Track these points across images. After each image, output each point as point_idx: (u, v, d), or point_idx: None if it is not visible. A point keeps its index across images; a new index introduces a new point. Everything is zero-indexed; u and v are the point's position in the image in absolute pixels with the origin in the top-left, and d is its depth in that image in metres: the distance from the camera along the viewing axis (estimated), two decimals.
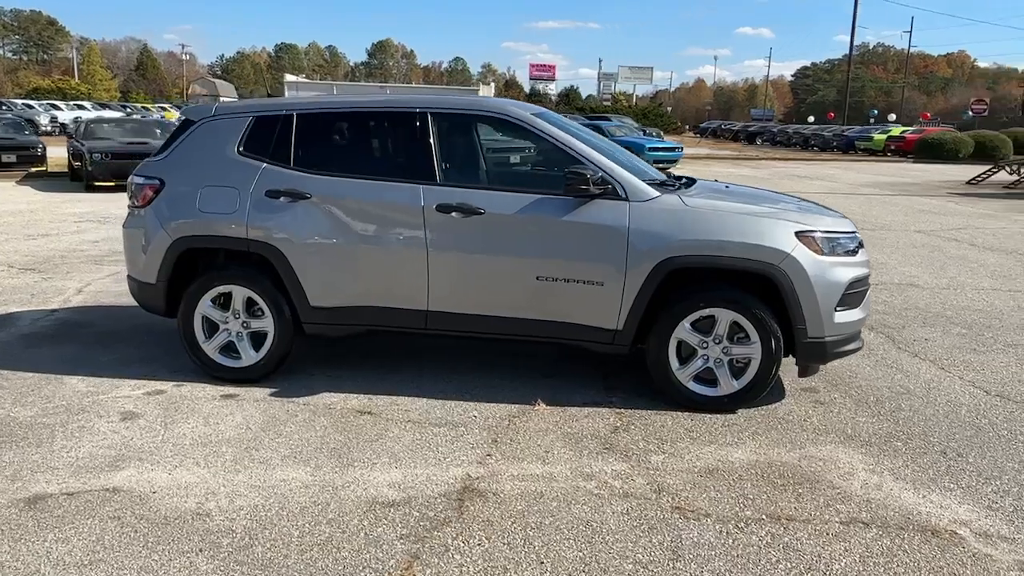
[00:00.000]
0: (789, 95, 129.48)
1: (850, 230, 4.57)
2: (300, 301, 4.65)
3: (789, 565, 2.98)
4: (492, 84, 75.61)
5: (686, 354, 4.49)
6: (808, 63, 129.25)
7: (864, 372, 5.23)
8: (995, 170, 21.18)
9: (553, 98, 79.67)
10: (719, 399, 4.47)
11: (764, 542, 3.13)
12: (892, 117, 58.59)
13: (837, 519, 3.33)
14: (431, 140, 4.60)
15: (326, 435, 4.08)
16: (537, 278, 4.45)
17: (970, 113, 46.40)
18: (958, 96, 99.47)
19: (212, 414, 4.32)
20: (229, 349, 4.81)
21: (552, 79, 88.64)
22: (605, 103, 71.53)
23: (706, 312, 4.39)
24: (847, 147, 38.91)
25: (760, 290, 4.38)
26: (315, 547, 3.05)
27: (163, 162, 4.88)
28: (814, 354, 4.43)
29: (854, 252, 4.51)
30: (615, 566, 2.96)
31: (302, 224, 4.58)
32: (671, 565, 2.97)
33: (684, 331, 4.43)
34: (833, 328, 4.39)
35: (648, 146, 23.54)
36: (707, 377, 4.48)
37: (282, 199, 4.61)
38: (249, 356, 4.78)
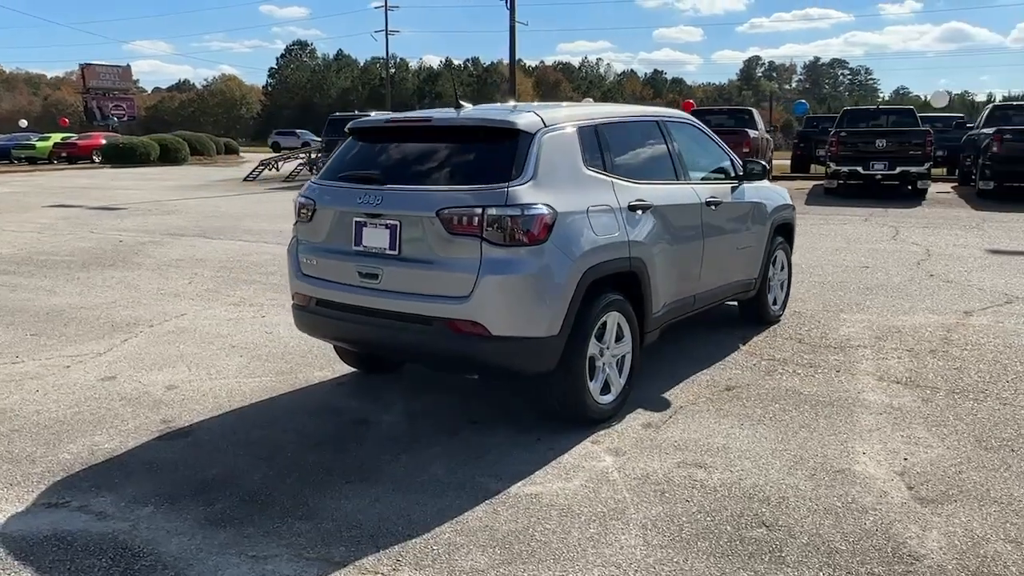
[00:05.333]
0: None
1: None
2: (648, 312, 4.57)
3: None
4: None
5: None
6: None
7: None
8: (261, 168, 24.38)
9: None
10: (778, 313, 6.53)
11: None
12: (23, 123, 53.99)
13: None
14: (675, 145, 5.11)
15: (821, 415, 4.38)
16: (737, 249, 5.62)
17: (115, 120, 47.39)
18: (8, 102, 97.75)
19: (728, 444, 4.10)
20: (602, 387, 4.30)
21: None
22: None
23: (776, 254, 6.36)
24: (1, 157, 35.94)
25: (784, 234, 6.55)
26: None
27: (535, 186, 3.85)
28: None
29: None
30: None
31: (652, 233, 4.52)
32: None
33: (772, 270, 6.30)
34: None
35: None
36: (774, 300, 6.46)
37: (639, 212, 4.42)
38: (618, 386, 4.39)
